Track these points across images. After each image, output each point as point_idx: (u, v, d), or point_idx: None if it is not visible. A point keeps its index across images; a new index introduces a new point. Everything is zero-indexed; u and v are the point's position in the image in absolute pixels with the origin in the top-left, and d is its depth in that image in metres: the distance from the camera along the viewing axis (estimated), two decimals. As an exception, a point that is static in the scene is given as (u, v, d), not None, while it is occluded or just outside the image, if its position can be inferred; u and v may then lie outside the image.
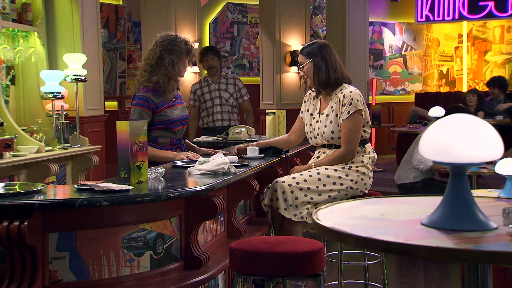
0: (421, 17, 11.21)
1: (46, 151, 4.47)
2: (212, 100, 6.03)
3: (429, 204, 1.59)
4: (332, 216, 1.59)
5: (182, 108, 3.78)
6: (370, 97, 10.18)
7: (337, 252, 3.72)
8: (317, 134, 3.68)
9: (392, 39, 11.41)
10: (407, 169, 5.95)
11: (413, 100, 10.92)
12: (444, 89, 11.73)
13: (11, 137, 4.10)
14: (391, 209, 1.70)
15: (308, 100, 3.82)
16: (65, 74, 4.92)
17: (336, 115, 3.58)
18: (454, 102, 8.91)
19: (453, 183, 1.48)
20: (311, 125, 3.74)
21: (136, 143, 2.59)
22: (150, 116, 3.58)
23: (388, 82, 11.41)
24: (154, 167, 2.85)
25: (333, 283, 3.88)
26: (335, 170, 3.55)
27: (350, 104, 3.52)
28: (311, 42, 3.74)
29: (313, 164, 3.63)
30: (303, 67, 3.67)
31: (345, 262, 3.94)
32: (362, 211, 1.67)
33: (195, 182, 2.72)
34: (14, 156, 4.13)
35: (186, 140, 3.96)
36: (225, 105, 6.00)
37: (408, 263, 5.01)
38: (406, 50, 11.56)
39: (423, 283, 4.65)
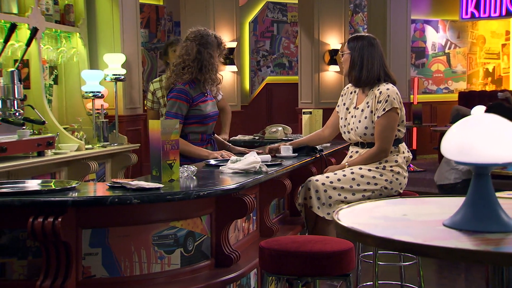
0: (466, 14, 10.96)
1: (86, 149, 4.57)
2: None
3: (454, 205, 1.56)
4: (353, 216, 1.57)
5: (213, 104, 3.80)
6: (412, 96, 10.04)
7: (372, 253, 3.68)
8: (351, 129, 3.65)
9: (435, 37, 11.21)
10: (447, 170, 5.84)
11: (457, 99, 10.71)
12: (490, 87, 11.46)
13: (52, 135, 4.21)
14: (414, 210, 1.68)
15: (345, 94, 3.80)
16: (104, 73, 5.02)
17: (371, 112, 3.55)
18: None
19: (476, 184, 1.45)
20: (346, 119, 3.71)
21: (168, 142, 2.62)
22: (187, 109, 3.61)
23: (430, 80, 11.22)
24: (186, 166, 2.88)
25: (368, 283, 3.84)
26: (369, 170, 3.52)
27: (386, 101, 3.49)
28: (360, 35, 3.73)
29: (347, 163, 3.61)
30: (342, 55, 3.70)
31: (380, 263, 3.89)
32: (384, 211, 1.65)
33: (226, 180, 2.74)
34: (55, 153, 4.24)
35: (215, 135, 3.98)
36: None
37: (449, 265, 4.91)
38: (449, 48, 11.34)
39: (463, 286, 4.56)
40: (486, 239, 1.38)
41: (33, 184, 2.58)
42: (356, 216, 1.58)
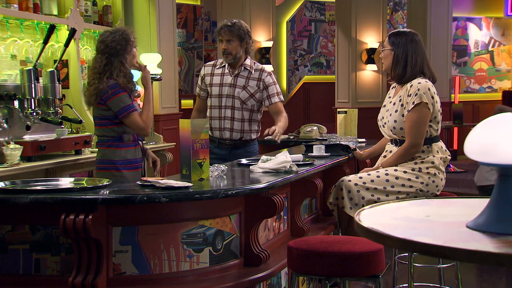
0: (511, 11, 10.69)
1: (123, 147, 4.62)
2: (220, 98, 4.09)
3: (480, 206, 1.52)
4: (375, 217, 1.55)
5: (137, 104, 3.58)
6: (453, 95, 9.86)
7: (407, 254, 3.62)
8: (384, 123, 3.60)
9: (478, 35, 10.97)
10: (488, 170, 5.71)
11: (500, 98, 10.45)
12: (537, 86, 11.15)
13: (89, 134, 4.29)
14: (438, 211, 1.64)
15: (389, 91, 3.76)
16: (141, 73, 5.07)
17: (402, 105, 3.48)
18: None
19: (500, 185, 1.41)
20: (381, 113, 3.68)
21: (198, 141, 2.64)
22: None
23: (472, 79, 10.98)
24: (216, 165, 2.89)
25: (404, 285, 3.78)
26: (405, 172, 3.44)
27: (416, 94, 3.40)
28: (402, 31, 3.66)
29: (380, 165, 3.55)
30: (383, 50, 3.63)
31: (418, 265, 3.83)
32: (407, 212, 1.62)
33: (255, 180, 2.73)
34: (92, 152, 4.31)
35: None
36: (239, 110, 4.03)
37: (490, 268, 4.79)
38: (493, 46, 11.08)
39: (504, 290, 4.44)
40: (509, 242, 1.33)
41: (66, 182, 2.63)
42: (378, 217, 1.56)
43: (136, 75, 4.97)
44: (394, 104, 3.54)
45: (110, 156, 3.39)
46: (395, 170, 3.46)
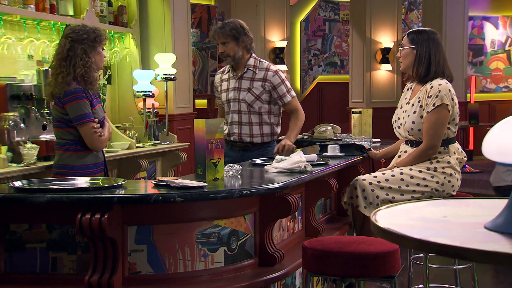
0: (528, 10, 10.62)
1: (137, 147, 4.65)
2: (228, 103, 4.04)
3: (498, 207, 1.50)
4: (391, 217, 1.54)
5: (101, 108, 3.41)
6: (468, 95, 9.79)
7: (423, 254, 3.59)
8: (400, 124, 3.57)
9: (494, 34, 10.88)
10: (504, 171, 5.64)
11: (517, 98, 10.39)
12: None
13: (105, 134, 4.31)
14: (455, 211, 1.63)
15: (404, 92, 3.73)
16: (155, 73, 5.10)
17: (421, 106, 3.45)
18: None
19: (518, 186, 1.39)
20: (397, 114, 3.65)
21: (213, 141, 2.64)
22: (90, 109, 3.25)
23: (489, 79, 10.90)
24: (231, 165, 2.89)
25: (420, 286, 3.75)
26: (420, 171, 3.42)
27: (437, 96, 3.37)
28: (422, 29, 3.60)
29: (395, 165, 3.54)
30: (403, 49, 3.57)
31: (433, 265, 3.80)
32: (424, 213, 1.61)
33: (270, 180, 2.73)
34: (107, 152, 4.32)
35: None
36: (246, 113, 3.96)
37: (506, 269, 4.75)
38: (510, 45, 10.99)
39: (521, 291, 4.40)
40: (527, 243, 1.32)
41: (82, 182, 2.65)
42: (394, 217, 1.55)
43: (150, 75, 5.02)
44: (413, 105, 3.51)
45: (67, 160, 3.24)
46: (410, 169, 3.44)
